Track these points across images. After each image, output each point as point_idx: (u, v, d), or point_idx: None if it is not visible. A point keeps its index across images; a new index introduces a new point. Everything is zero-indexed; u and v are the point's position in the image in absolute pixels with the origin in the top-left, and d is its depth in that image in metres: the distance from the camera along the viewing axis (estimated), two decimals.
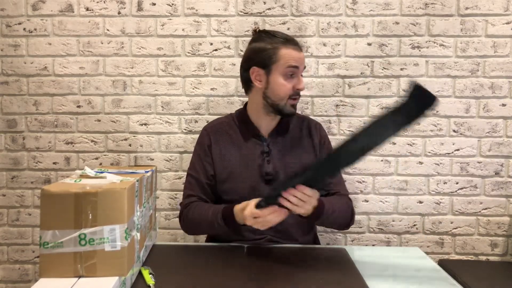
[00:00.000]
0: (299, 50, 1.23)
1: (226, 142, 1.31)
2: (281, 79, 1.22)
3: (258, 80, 1.25)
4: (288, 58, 1.20)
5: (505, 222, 1.69)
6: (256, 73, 1.24)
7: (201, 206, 1.24)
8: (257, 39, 1.27)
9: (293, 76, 1.22)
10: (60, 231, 0.80)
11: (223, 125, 1.35)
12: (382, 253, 1.20)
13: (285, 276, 0.97)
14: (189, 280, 0.94)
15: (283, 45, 1.21)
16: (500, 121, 1.66)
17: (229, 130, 1.33)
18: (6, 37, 1.68)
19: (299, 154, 1.31)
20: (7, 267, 1.75)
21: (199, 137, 1.36)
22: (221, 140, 1.31)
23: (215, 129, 1.34)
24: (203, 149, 1.31)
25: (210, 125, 1.37)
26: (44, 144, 1.71)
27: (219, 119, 1.39)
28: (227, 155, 1.29)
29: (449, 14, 1.63)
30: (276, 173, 1.27)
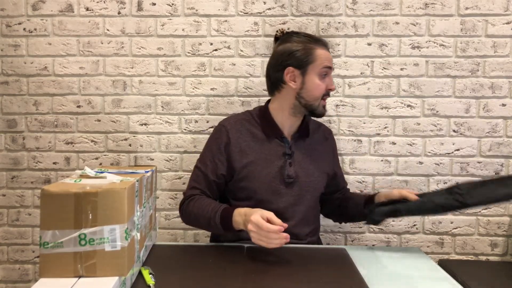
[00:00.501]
0: (329, 50, 1.27)
1: (248, 139, 1.27)
2: (317, 79, 1.22)
3: (293, 81, 1.23)
4: (324, 58, 1.22)
5: (505, 222, 1.69)
6: (291, 74, 1.23)
7: (202, 200, 1.22)
8: (286, 40, 1.25)
9: (326, 77, 1.24)
10: (60, 231, 0.80)
11: (243, 122, 1.30)
12: (382, 253, 1.20)
13: (285, 276, 0.97)
14: (189, 280, 0.94)
15: (317, 45, 1.23)
16: (500, 121, 1.66)
17: (250, 127, 1.29)
18: (6, 37, 1.68)
19: (317, 159, 1.32)
20: (7, 267, 1.75)
21: (216, 132, 1.31)
22: (241, 137, 1.27)
23: (235, 126, 1.29)
24: (217, 146, 1.27)
25: (229, 121, 1.31)
26: (44, 144, 1.71)
27: (237, 116, 1.34)
28: (247, 152, 1.26)
29: (449, 14, 1.63)
30: (297, 177, 1.26)
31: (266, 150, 1.26)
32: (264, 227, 1.00)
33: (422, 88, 1.66)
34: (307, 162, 1.30)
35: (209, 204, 1.19)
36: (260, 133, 1.28)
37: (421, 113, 1.67)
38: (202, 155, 1.31)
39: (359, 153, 1.69)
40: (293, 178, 1.25)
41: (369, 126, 1.68)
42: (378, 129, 1.68)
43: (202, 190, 1.26)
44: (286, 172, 1.25)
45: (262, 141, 1.27)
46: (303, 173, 1.27)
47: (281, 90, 1.27)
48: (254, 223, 1.02)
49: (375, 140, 1.68)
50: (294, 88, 1.24)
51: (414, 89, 1.66)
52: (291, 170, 1.25)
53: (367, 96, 1.67)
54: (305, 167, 1.29)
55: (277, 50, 1.27)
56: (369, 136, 1.68)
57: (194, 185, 1.27)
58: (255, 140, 1.27)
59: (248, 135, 1.28)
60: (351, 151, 1.69)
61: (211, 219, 1.15)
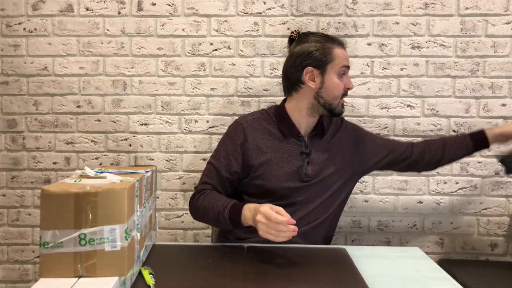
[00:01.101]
0: (345, 49, 1.27)
1: (265, 137, 1.27)
2: (336, 79, 1.23)
3: (312, 81, 1.23)
4: (342, 57, 1.23)
5: (505, 222, 1.69)
6: (310, 74, 1.23)
7: (213, 195, 1.20)
8: (303, 41, 1.25)
9: (344, 76, 1.25)
10: (60, 231, 0.80)
11: (260, 120, 1.29)
12: (382, 253, 1.20)
13: (285, 276, 0.97)
14: (189, 280, 0.94)
15: (335, 44, 1.23)
16: (500, 121, 1.66)
17: (267, 125, 1.29)
18: (6, 37, 1.68)
19: (333, 157, 1.30)
20: (7, 267, 1.75)
21: (232, 129, 1.29)
22: (258, 135, 1.26)
23: (251, 123, 1.28)
24: (233, 144, 1.26)
25: (246, 119, 1.30)
26: (44, 144, 1.71)
27: (254, 114, 1.33)
28: (264, 150, 1.25)
29: (449, 14, 1.63)
30: (315, 176, 1.26)
31: (283, 149, 1.26)
32: (273, 217, 0.98)
33: (422, 88, 1.66)
34: (325, 160, 1.29)
35: (219, 199, 1.18)
36: (277, 132, 1.28)
37: (421, 113, 1.67)
38: (216, 151, 1.30)
39: None
40: (311, 177, 1.25)
41: (369, 126, 1.68)
42: (378, 129, 1.68)
43: (213, 186, 1.25)
44: (304, 171, 1.24)
45: (279, 140, 1.27)
46: (320, 172, 1.27)
47: (299, 90, 1.27)
48: (263, 213, 1.00)
49: None
50: (313, 88, 1.24)
51: (414, 89, 1.66)
52: (309, 169, 1.25)
53: (367, 96, 1.67)
54: (323, 166, 1.28)
55: (295, 51, 1.26)
56: None
57: (206, 180, 1.26)
58: (272, 139, 1.27)
59: (265, 133, 1.27)
60: None
61: (220, 213, 1.14)
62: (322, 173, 1.27)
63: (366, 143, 1.37)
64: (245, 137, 1.25)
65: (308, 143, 1.28)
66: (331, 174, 1.29)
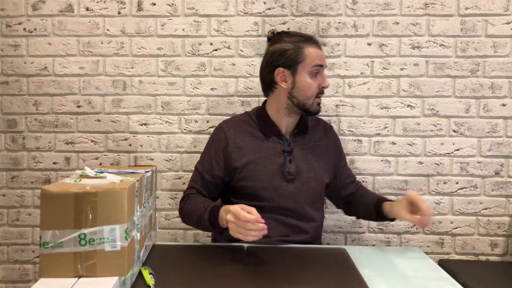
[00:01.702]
0: (321, 48, 1.26)
1: (246, 138, 1.29)
2: (308, 79, 1.23)
3: (284, 81, 1.25)
4: (314, 57, 1.22)
5: (505, 222, 1.69)
6: (282, 74, 1.24)
7: (197, 199, 1.24)
8: (276, 41, 1.26)
9: (318, 75, 1.24)
10: (60, 231, 0.80)
11: (241, 123, 1.32)
12: (382, 253, 1.20)
13: (285, 276, 0.97)
14: (189, 280, 0.94)
15: (306, 44, 1.23)
16: (500, 121, 1.66)
17: (248, 127, 1.31)
18: (6, 37, 1.68)
19: (319, 154, 1.32)
20: (7, 267, 1.75)
21: (214, 134, 1.33)
22: (239, 137, 1.29)
23: (233, 127, 1.31)
24: (216, 148, 1.29)
25: (227, 123, 1.33)
26: (44, 144, 1.71)
27: (236, 117, 1.37)
28: (246, 151, 1.27)
29: (449, 14, 1.63)
30: (298, 173, 1.26)
31: (265, 148, 1.28)
32: (242, 216, 0.99)
33: (422, 88, 1.66)
34: (308, 158, 1.30)
35: (202, 203, 1.21)
36: (258, 133, 1.30)
37: (421, 113, 1.67)
38: (201, 156, 1.34)
39: (359, 153, 1.69)
40: (294, 175, 1.26)
41: (369, 126, 1.68)
42: (378, 129, 1.68)
43: (198, 190, 1.29)
44: (287, 169, 1.26)
45: (261, 140, 1.29)
46: (304, 169, 1.28)
47: (274, 91, 1.29)
48: (233, 212, 1.02)
49: (375, 140, 1.68)
50: (286, 88, 1.25)
51: (414, 89, 1.66)
52: (292, 166, 1.26)
53: (367, 96, 1.67)
54: (306, 163, 1.29)
55: (268, 51, 1.28)
56: (369, 136, 1.68)
57: (192, 184, 1.31)
58: (254, 140, 1.29)
59: (246, 135, 1.29)
60: (351, 151, 1.69)
61: (201, 216, 1.16)
62: (305, 170, 1.28)
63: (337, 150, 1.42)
64: (226, 141, 1.28)
65: (290, 141, 1.30)
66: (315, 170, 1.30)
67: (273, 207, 1.24)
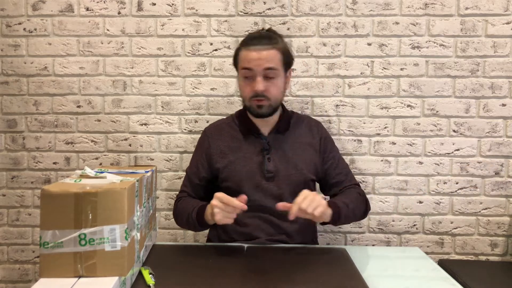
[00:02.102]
0: (260, 50, 1.20)
1: (227, 140, 1.33)
2: (241, 81, 1.26)
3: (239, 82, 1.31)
4: (243, 59, 1.23)
5: (505, 222, 1.69)
6: (238, 76, 1.30)
7: (187, 201, 1.29)
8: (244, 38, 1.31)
9: (251, 78, 1.23)
10: (60, 231, 0.80)
11: (223, 125, 1.37)
12: (382, 253, 1.20)
13: (285, 276, 0.97)
14: (189, 280, 0.94)
15: (244, 46, 1.24)
16: (500, 121, 1.66)
17: (229, 129, 1.35)
18: (6, 37, 1.68)
19: (301, 151, 1.32)
20: (7, 267, 1.75)
21: (199, 138, 1.40)
22: (221, 139, 1.33)
23: (215, 130, 1.37)
24: (200, 152, 1.35)
25: (210, 126, 1.40)
26: (44, 144, 1.71)
27: (220, 120, 1.42)
28: (227, 152, 1.31)
29: (449, 14, 1.63)
30: (277, 171, 1.27)
31: (245, 148, 1.30)
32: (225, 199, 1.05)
33: (422, 88, 1.66)
34: (288, 155, 1.30)
35: (192, 203, 1.25)
36: (238, 134, 1.33)
37: (421, 113, 1.67)
38: (190, 160, 1.40)
39: (359, 153, 1.69)
40: (273, 173, 1.27)
41: (369, 126, 1.68)
42: (378, 129, 1.68)
43: (188, 193, 1.34)
44: (265, 167, 1.27)
45: (241, 141, 1.32)
46: (284, 167, 1.28)
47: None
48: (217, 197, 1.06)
49: (375, 140, 1.68)
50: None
51: (414, 89, 1.66)
52: (270, 165, 1.27)
53: (367, 96, 1.67)
54: (286, 160, 1.29)
55: None
56: (369, 136, 1.68)
57: (183, 188, 1.36)
58: (235, 141, 1.32)
59: (227, 137, 1.33)
60: (351, 151, 1.69)
61: (190, 215, 1.21)
62: (285, 168, 1.28)
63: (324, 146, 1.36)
64: (208, 144, 1.34)
65: (270, 139, 1.30)
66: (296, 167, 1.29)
67: (258, 206, 1.25)
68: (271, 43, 1.22)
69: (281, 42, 1.26)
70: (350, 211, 1.20)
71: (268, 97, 1.23)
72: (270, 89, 1.22)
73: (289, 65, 1.29)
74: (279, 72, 1.23)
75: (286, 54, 1.26)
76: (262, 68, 1.20)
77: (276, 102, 1.26)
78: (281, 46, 1.25)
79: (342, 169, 1.36)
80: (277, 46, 1.23)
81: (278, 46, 1.23)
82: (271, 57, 1.21)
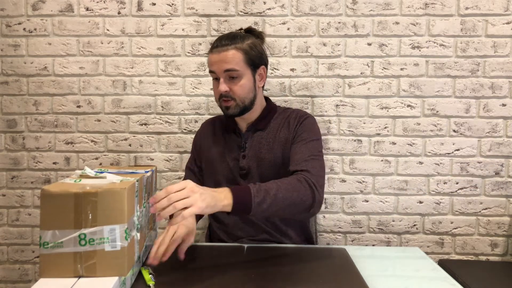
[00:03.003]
0: (219, 52, 1.18)
1: (210, 136, 1.37)
2: (213, 83, 1.26)
3: None
4: (208, 62, 1.23)
5: (505, 222, 1.69)
6: None
7: None
8: None
9: (217, 79, 1.21)
10: (60, 231, 0.80)
11: (215, 121, 1.41)
12: (382, 253, 1.20)
13: (285, 276, 0.97)
14: (189, 280, 0.94)
15: (211, 49, 1.22)
16: (500, 121, 1.66)
17: (216, 125, 1.39)
18: (6, 37, 1.68)
19: (270, 149, 1.27)
20: (7, 267, 1.75)
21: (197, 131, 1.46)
22: (205, 135, 1.39)
23: (207, 124, 1.42)
24: (193, 146, 1.42)
25: (206, 121, 1.45)
26: (44, 144, 1.71)
27: (214, 116, 1.46)
28: (208, 149, 1.35)
29: (449, 14, 1.63)
30: (249, 168, 1.27)
31: (224, 145, 1.33)
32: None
33: (422, 88, 1.66)
34: (261, 153, 1.27)
35: None
36: (221, 130, 1.36)
37: (421, 113, 1.67)
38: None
39: (359, 153, 1.69)
40: (245, 170, 1.27)
41: (369, 126, 1.68)
42: (378, 129, 1.68)
43: None
44: (239, 164, 1.28)
45: (223, 137, 1.34)
46: (255, 165, 1.27)
47: None
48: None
49: (375, 140, 1.68)
50: None
51: (414, 89, 1.66)
52: (243, 162, 1.28)
53: (367, 96, 1.67)
54: (260, 158, 1.27)
55: None
56: (369, 136, 1.68)
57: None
58: (217, 137, 1.35)
59: (211, 134, 1.38)
60: (351, 151, 1.69)
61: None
62: (256, 165, 1.27)
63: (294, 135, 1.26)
64: (197, 139, 1.41)
65: (247, 136, 1.30)
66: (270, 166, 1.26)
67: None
68: (232, 43, 1.18)
69: (246, 41, 1.20)
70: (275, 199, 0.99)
71: (233, 97, 1.21)
72: (234, 89, 1.20)
73: (257, 64, 1.23)
74: (241, 72, 1.19)
75: (251, 53, 1.20)
76: (223, 70, 1.18)
77: (243, 102, 1.22)
78: (244, 45, 1.19)
79: (300, 154, 1.19)
80: (238, 46, 1.18)
81: (239, 45, 1.18)
82: (230, 58, 1.17)
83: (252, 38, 1.24)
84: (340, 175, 1.70)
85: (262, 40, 1.29)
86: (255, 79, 1.25)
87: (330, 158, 1.68)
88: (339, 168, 1.70)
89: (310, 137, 1.23)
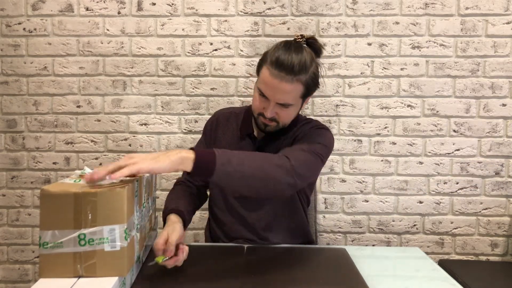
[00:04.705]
0: (280, 80, 1.05)
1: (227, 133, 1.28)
2: (256, 93, 1.14)
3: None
4: (262, 79, 1.09)
5: (505, 222, 1.69)
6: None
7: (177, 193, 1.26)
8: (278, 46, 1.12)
9: (265, 97, 1.10)
10: (60, 231, 0.80)
11: (231, 115, 1.30)
12: (382, 253, 1.20)
13: (285, 276, 0.97)
14: (189, 280, 0.94)
15: (270, 63, 1.07)
16: (500, 121, 1.66)
17: (234, 122, 1.29)
18: (6, 37, 1.68)
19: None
20: (7, 267, 1.75)
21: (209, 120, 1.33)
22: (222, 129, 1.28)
23: (223, 117, 1.30)
24: (205, 131, 1.32)
25: (222, 111, 1.34)
26: (44, 144, 1.71)
27: (233, 108, 1.35)
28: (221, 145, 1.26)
29: (449, 14, 1.63)
30: None
31: (237, 147, 1.25)
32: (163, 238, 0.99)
33: (422, 88, 1.66)
34: None
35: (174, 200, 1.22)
36: (237, 131, 1.28)
37: (421, 113, 1.67)
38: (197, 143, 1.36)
39: (359, 153, 1.69)
40: None
41: (369, 126, 1.68)
42: (378, 129, 1.68)
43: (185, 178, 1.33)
44: None
45: (237, 138, 1.26)
46: None
47: None
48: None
49: (375, 140, 1.68)
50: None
51: (414, 89, 1.66)
52: None
53: (367, 96, 1.67)
54: None
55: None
56: (369, 136, 1.68)
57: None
58: (232, 136, 1.27)
59: (228, 130, 1.28)
60: (351, 151, 1.69)
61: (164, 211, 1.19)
62: None
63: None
64: (213, 128, 1.30)
65: (261, 144, 1.23)
66: None
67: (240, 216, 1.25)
68: (297, 74, 1.05)
69: (310, 68, 1.09)
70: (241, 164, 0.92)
71: (277, 121, 1.14)
72: (281, 114, 1.12)
73: (311, 93, 1.14)
74: (294, 104, 1.12)
75: (310, 85, 1.10)
76: (276, 100, 1.09)
77: (284, 125, 1.17)
78: (307, 77, 1.08)
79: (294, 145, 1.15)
80: (302, 78, 1.07)
81: (303, 77, 1.07)
82: (289, 91, 1.07)
83: (312, 56, 1.11)
84: (340, 175, 1.70)
85: (319, 55, 1.15)
86: (302, 105, 1.18)
87: (330, 158, 1.68)
88: (339, 168, 1.70)
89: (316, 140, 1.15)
